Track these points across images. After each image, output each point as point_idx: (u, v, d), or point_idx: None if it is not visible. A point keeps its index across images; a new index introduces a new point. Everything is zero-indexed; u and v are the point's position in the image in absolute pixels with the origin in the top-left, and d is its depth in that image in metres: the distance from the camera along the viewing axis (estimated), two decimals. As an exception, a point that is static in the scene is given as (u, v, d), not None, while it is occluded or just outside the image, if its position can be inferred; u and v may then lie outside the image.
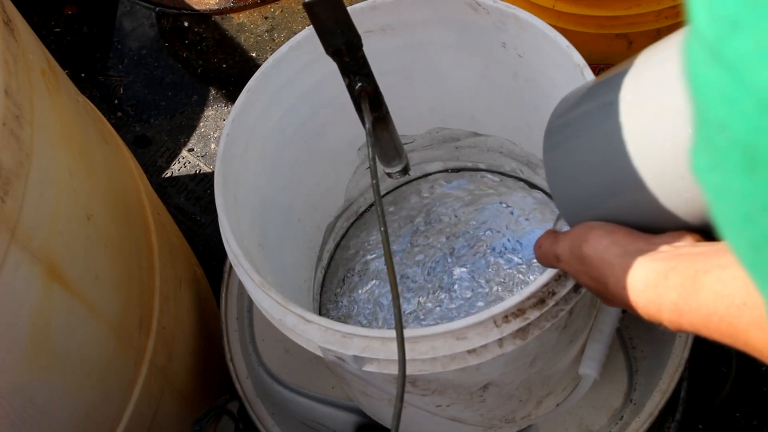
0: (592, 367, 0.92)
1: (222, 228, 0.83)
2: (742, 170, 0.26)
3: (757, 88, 0.24)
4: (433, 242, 1.14)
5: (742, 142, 0.25)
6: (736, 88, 0.25)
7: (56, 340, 0.82)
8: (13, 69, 0.73)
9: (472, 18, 0.90)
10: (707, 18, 0.26)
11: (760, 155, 0.25)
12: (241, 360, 1.11)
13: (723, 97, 0.26)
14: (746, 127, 0.25)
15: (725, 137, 0.26)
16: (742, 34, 0.24)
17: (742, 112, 0.25)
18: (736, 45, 0.25)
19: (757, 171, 0.25)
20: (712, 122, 0.26)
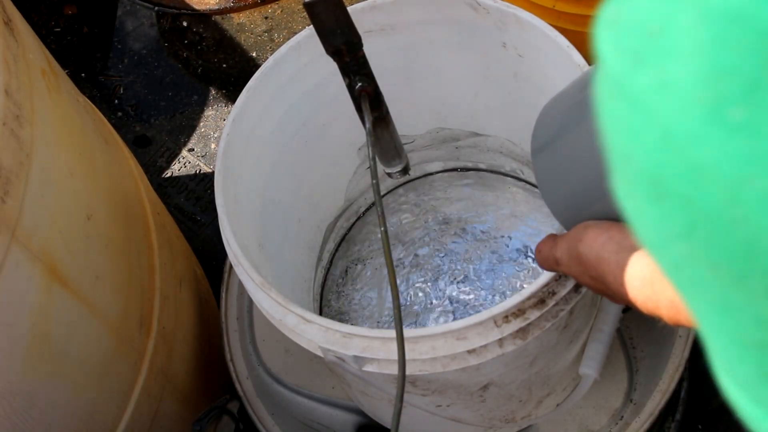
0: (593, 367, 0.92)
1: (222, 228, 0.83)
2: (650, 200, 0.26)
3: (660, 122, 0.24)
4: (433, 242, 1.14)
5: (648, 173, 0.26)
6: (640, 122, 0.25)
7: (56, 340, 0.82)
8: (13, 69, 0.73)
9: (472, 18, 0.90)
10: (612, 52, 0.26)
11: (666, 187, 0.25)
12: (241, 360, 1.11)
13: (628, 130, 0.26)
14: (651, 160, 0.25)
15: (633, 168, 0.26)
16: (644, 69, 0.25)
17: (647, 146, 0.25)
18: (639, 79, 0.25)
19: (664, 202, 0.26)
20: (620, 153, 0.27)
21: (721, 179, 0.24)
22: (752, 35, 0.22)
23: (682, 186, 0.25)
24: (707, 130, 0.23)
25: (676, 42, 0.24)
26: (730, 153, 0.23)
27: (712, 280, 0.27)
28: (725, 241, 0.25)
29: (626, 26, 0.26)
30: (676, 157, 0.24)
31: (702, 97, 0.23)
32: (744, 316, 0.27)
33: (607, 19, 0.27)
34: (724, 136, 0.23)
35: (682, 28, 0.23)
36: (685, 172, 0.24)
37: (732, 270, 0.25)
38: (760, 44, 0.22)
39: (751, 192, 0.23)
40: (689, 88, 0.23)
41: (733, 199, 0.24)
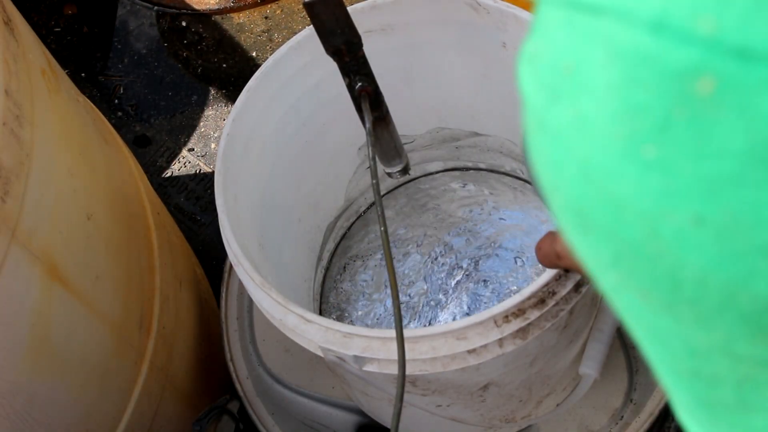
0: (593, 367, 0.92)
1: (222, 228, 0.83)
2: (577, 231, 0.27)
3: (578, 158, 0.25)
4: (433, 241, 1.14)
5: (572, 207, 0.26)
6: (560, 157, 0.25)
7: (56, 340, 0.82)
8: (13, 69, 0.73)
9: (472, 18, 0.90)
10: (532, 86, 0.26)
11: (589, 219, 0.25)
12: (241, 360, 1.11)
13: (551, 163, 0.26)
14: (573, 194, 0.26)
15: (558, 200, 0.27)
16: (561, 105, 0.25)
17: (568, 179, 0.25)
18: (557, 115, 0.25)
19: (590, 234, 0.26)
20: (548, 188, 0.27)
21: (639, 214, 0.24)
22: (660, 76, 0.22)
23: (604, 220, 0.25)
24: (623, 167, 0.23)
25: (590, 80, 0.24)
26: (645, 189, 0.23)
27: (643, 308, 0.27)
28: (649, 272, 0.25)
29: (544, 62, 0.25)
30: (595, 192, 0.25)
31: (616, 134, 0.23)
32: (676, 345, 0.27)
33: (527, 54, 0.27)
34: (639, 173, 0.23)
35: (594, 67, 0.23)
36: (605, 206, 0.25)
37: (660, 299, 0.25)
38: (668, 85, 0.22)
39: (669, 227, 0.23)
40: (604, 125, 0.23)
41: (651, 234, 0.24)
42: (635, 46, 0.22)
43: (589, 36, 0.23)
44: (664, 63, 0.22)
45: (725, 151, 0.21)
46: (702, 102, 0.21)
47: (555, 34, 0.25)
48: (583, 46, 0.24)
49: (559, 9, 0.24)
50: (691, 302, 0.24)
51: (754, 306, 0.23)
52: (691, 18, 0.21)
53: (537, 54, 0.26)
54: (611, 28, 0.23)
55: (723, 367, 0.26)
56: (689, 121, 0.22)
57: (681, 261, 0.24)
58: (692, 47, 0.21)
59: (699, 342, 0.26)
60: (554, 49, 0.25)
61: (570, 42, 0.24)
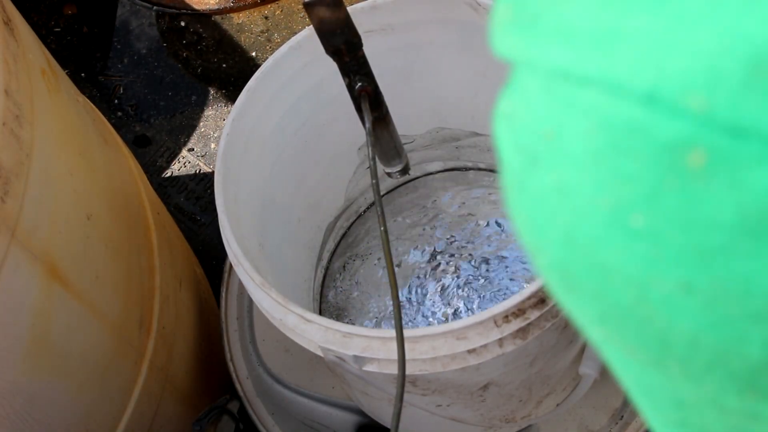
0: (593, 367, 0.92)
1: (222, 228, 0.83)
2: (563, 291, 0.27)
3: (561, 224, 0.24)
4: (433, 241, 1.14)
5: (556, 268, 0.26)
6: (542, 220, 0.25)
7: (56, 340, 0.82)
8: (13, 69, 0.73)
9: (472, 18, 0.90)
10: (509, 147, 0.26)
11: (574, 281, 0.25)
12: (241, 360, 1.11)
13: (532, 226, 0.26)
14: (557, 257, 0.25)
15: (542, 260, 0.26)
16: (541, 171, 0.24)
17: (551, 243, 0.25)
18: (537, 180, 0.25)
19: (575, 293, 0.26)
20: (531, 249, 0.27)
21: (626, 280, 0.24)
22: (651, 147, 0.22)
23: (589, 283, 0.25)
24: (609, 234, 0.23)
25: (572, 148, 0.23)
26: (633, 256, 0.23)
27: (630, 363, 0.27)
28: (637, 333, 0.25)
29: (521, 124, 0.25)
30: (580, 257, 0.24)
31: (601, 202, 0.23)
32: (663, 397, 0.27)
33: (503, 113, 0.26)
34: (626, 241, 0.23)
35: (577, 135, 0.23)
36: (591, 271, 0.24)
37: (648, 356, 0.25)
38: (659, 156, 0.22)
39: (657, 293, 0.23)
40: (587, 193, 0.23)
41: (640, 299, 0.24)
42: (624, 117, 0.22)
43: (571, 105, 0.23)
44: (655, 135, 0.21)
45: (715, 222, 0.21)
46: (693, 174, 0.21)
47: (533, 99, 0.24)
48: (565, 115, 0.23)
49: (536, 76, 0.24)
50: (681, 361, 0.24)
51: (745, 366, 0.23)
52: (683, 93, 0.21)
53: (514, 115, 0.25)
54: (597, 99, 0.22)
55: (711, 419, 0.26)
56: (679, 192, 0.22)
57: (670, 324, 0.23)
58: (684, 121, 0.21)
59: (687, 395, 0.26)
60: (532, 113, 0.24)
61: (550, 109, 0.24)
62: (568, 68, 0.23)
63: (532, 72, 0.24)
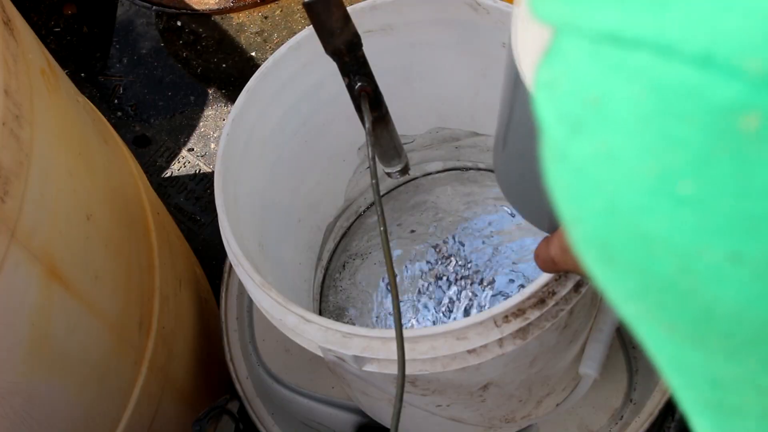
0: (592, 367, 0.92)
1: (222, 228, 0.83)
2: (600, 263, 0.26)
3: (604, 193, 0.24)
4: (433, 241, 1.14)
5: (596, 240, 0.25)
6: (584, 189, 0.25)
7: (56, 340, 0.82)
8: (13, 69, 0.73)
9: (472, 18, 0.90)
10: (551, 116, 0.25)
11: (615, 253, 0.25)
12: (241, 360, 1.11)
13: (573, 196, 0.25)
14: (598, 228, 0.25)
15: (581, 232, 0.26)
16: (585, 138, 0.24)
17: (593, 213, 0.25)
18: (580, 148, 0.24)
19: (613, 267, 0.25)
20: (570, 221, 0.26)
21: (670, 251, 0.23)
22: (704, 111, 0.21)
23: (631, 254, 0.24)
24: (654, 203, 0.23)
25: (619, 112, 0.23)
26: (679, 226, 0.23)
27: (667, 339, 0.26)
28: (679, 306, 0.24)
29: (564, 91, 0.24)
30: (622, 227, 0.24)
31: (648, 168, 0.23)
32: (700, 375, 0.27)
33: (544, 81, 0.25)
34: (672, 209, 0.23)
35: (625, 99, 0.23)
36: (633, 241, 0.24)
37: (687, 331, 0.25)
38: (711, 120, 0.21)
39: (703, 264, 0.23)
40: (634, 160, 0.23)
41: (684, 270, 0.23)
42: (676, 80, 0.21)
43: (619, 69, 0.23)
44: (708, 97, 0.21)
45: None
46: (746, 139, 0.21)
47: (578, 65, 0.24)
48: (612, 79, 0.23)
49: (582, 40, 0.24)
50: (722, 337, 0.24)
51: None
52: (739, 55, 0.20)
53: (556, 82, 0.25)
54: (648, 62, 0.22)
55: (748, 399, 0.26)
56: (731, 157, 0.21)
57: (714, 297, 0.23)
58: (739, 83, 0.21)
59: (725, 374, 0.26)
60: (577, 79, 0.24)
61: (596, 74, 0.23)
62: (618, 31, 0.22)
63: (577, 37, 0.24)
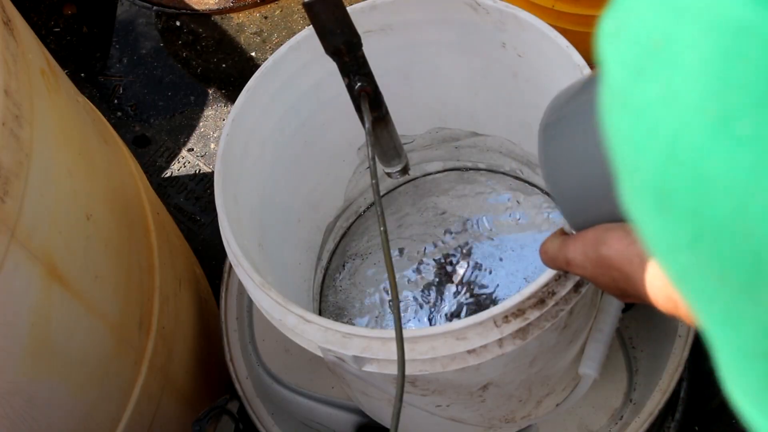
0: (592, 367, 0.92)
1: (222, 228, 0.83)
2: (655, 212, 0.26)
3: (664, 135, 0.24)
4: (432, 241, 1.14)
5: (653, 185, 0.26)
6: (644, 135, 0.25)
7: (56, 339, 0.82)
8: (12, 69, 0.73)
9: (472, 18, 0.90)
10: (614, 64, 0.26)
11: (669, 199, 0.25)
12: (241, 360, 1.11)
13: (633, 142, 0.26)
14: (656, 173, 0.25)
15: (637, 180, 0.26)
16: (648, 82, 0.25)
17: (652, 158, 0.25)
18: (643, 92, 0.25)
19: (667, 213, 0.26)
20: (625, 164, 0.27)
21: (727, 192, 0.23)
22: (761, 49, 0.22)
23: (688, 198, 0.25)
24: (714, 143, 0.23)
25: (681, 55, 0.23)
26: (737, 166, 0.23)
27: (718, 290, 0.26)
28: (732, 252, 0.24)
29: (628, 38, 0.25)
30: (681, 170, 0.24)
31: (708, 109, 0.23)
32: (750, 326, 0.27)
33: (609, 31, 0.26)
34: (731, 150, 0.23)
35: (686, 41, 0.23)
36: (691, 184, 0.24)
37: (739, 280, 0.25)
38: None
39: (759, 205, 0.23)
40: (695, 101, 0.23)
41: (739, 212, 0.23)
42: (737, 20, 0.22)
43: (681, 11, 0.23)
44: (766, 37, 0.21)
45: None
46: None
47: (642, 10, 0.25)
48: (674, 22, 0.23)
49: None
50: None
51: None
52: None
53: (619, 30, 0.26)
54: (707, 3, 0.22)
55: None
56: None
57: None
58: None
59: None
60: (640, 25, 0.25)
61: (658, 18, 0.24)
62: None
63: None
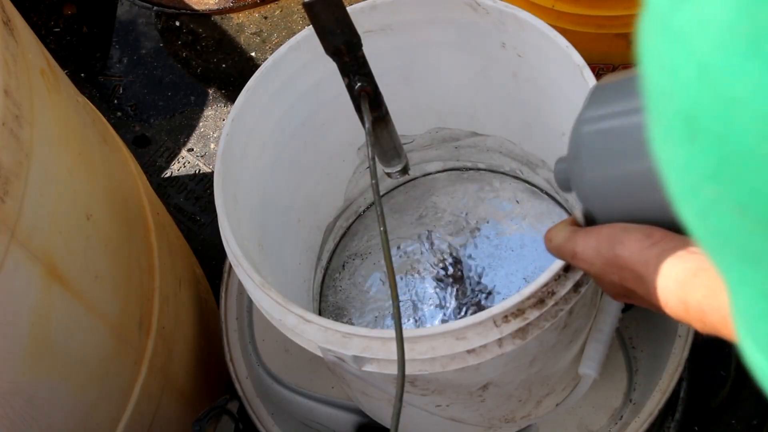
0: (592, 367, 0.92)
1: (222, 228, 0.83)
2: (684, 140, 0.27)
3: (698, 56, 0.25)
4: (432, 241, 1.14)
5: (683, 111, 0.26)
6: (678, 57, 0.26)
7: (56, 339, 0.82)
8: (12, 69, 0.73)
9: (472, 18, 0.90)
10: None
11: (700, 124, 0.26)
12: (241, 360, 1.11)
13: (667, 66, 0.27)
14: (687, 96, 0.26)
15: (670, 107, 0.27)
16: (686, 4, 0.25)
17: (684, 81, 0.26)
18: (680, 15, 0.26)
19: (697, 140, 0.26)
20: (659, 93, 0.28)
21: (755, 114, 0.24)
22: None
23: (716, 122, 0.25)
24: (744, 64, 0.24)
25: None
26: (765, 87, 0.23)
27: (738, 227, 0.27)
28: (755, 179, 0.25)
29: None
30: (711, 92, 0.25)
31: (740, 31, 0.24)
32: None
33: None
34: (760, 70, 0.23)
35: None
36: (720, 107, 0.25)
37: (760, 213, 0.26)
38: None
39: None
40: (728, 22, 0.24)
41: (765, 135, 0.24)
42: None
43: None
44: None
45: None
46: None
47: None
48: None
49: None
50: None
51: None
52: None
53: None
54: None
55: None
56: None
57: None
58: None
59: None
60: None
61: None
62: None
63: None
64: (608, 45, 1.17)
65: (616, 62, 1.19)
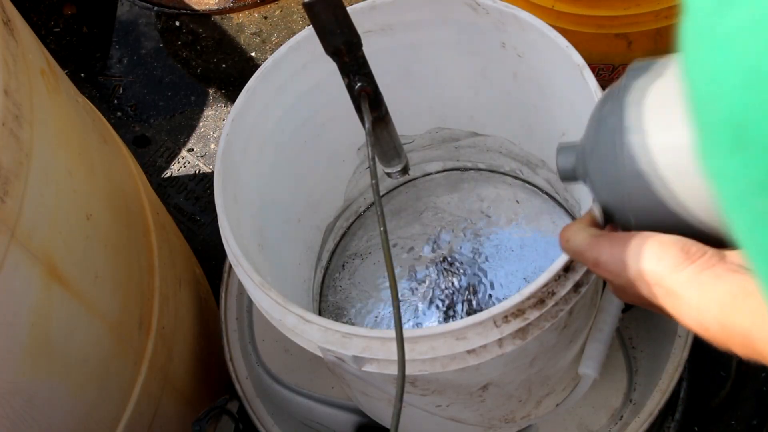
0: (592, 367, 0.92)
1: (222, 228, 0.83)
2: (732, 150, 0.26)
3: (745, 63, 0.24)
4: (432, 241, 1.14)
5: (730, 120, 0.25)
6: (725, 65, 0.25)
7: (56, 339, 0.82)
8: (12, 69, 0.73)
9: (472, 18, 0.90)
10: None
11: (748, 132, 0.25)
12: (241, 360, 1.11)
13: (713, 74, 0.26)
14: (734, 104, 0.25)
15: (716, 116, 0.26)
16: (732, 10, 0.24)
17: (730, 89, 0.25)
18: (726, 21, 0.25)
19: (746, 149, 0.25)
20: (704, 102, 0.27)
21: None
22: None
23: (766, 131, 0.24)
24: None
25: None
26: None
27: None
28: None
29: None
30: (761, 100, 0.24)
31: None
32: None
33: None
34: None
35: None
36: None
37: None
38: None
39: None
40: None
41: None
42: None
43: None
44: None
45: None
46: None
47: None
48: None
49: None
50: None
51: None
52: None
53: None
54: None
55: None
56: None
57: None
58: None
59: None
60: None
61: None
62: None
63: None
64: (608, 45, 1.17)
65: (616, 62, 1.19)
